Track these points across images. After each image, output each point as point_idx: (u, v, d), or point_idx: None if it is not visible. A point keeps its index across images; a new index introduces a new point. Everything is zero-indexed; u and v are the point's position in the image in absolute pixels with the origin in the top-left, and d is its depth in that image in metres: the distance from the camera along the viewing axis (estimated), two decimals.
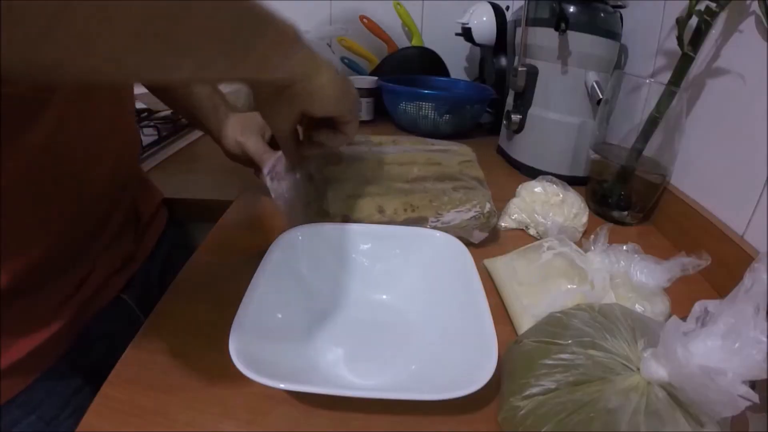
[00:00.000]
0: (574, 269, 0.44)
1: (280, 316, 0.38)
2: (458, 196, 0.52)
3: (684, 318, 0.27)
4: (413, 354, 0.38)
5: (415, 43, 1.11)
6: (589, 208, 0.66)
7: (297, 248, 0.44)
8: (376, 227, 0.47)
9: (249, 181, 0.69)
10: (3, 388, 0.40)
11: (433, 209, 0.51)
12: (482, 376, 0.30)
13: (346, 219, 0.49)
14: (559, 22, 0.66)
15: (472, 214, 0.51)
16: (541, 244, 0.47)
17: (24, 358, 0.41)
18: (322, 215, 0.50)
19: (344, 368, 0.37)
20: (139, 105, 0.90)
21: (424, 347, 0.39)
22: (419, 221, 0.50)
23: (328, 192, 0.51)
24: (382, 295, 0.45)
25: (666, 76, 0.58)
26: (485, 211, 0.51)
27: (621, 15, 0.72)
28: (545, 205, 0.58)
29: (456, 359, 0.35)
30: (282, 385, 0.30)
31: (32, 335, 0.42)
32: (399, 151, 0.58)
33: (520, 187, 0.62)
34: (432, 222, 0.50)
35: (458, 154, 0.60)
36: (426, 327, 0.41)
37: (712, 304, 0.26)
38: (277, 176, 0.52)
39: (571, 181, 0.65)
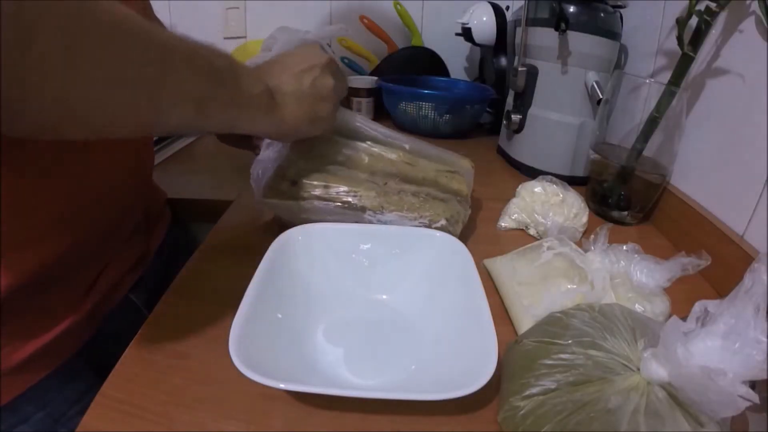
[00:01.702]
0: (574, 269, 0.44)
1: (280, 316, 0.38)
2: (410, 201, 0.50)
3: (684, 318, 0.27)
4: (413, 354, 0.38)
5: (415, 43, 1.11)
6: (589, 208, 0.66)
7: (297, 248, 0.44)
8: (376, 227, 0.48)
9: (249, 181, 0.69)
10: (16, 382, 0.40)
11: (377, 203, 0.49)
12: (482, 376, 0.30)
13: (295, 184, 0.50)
14: (559, 22, 0.65)
15: (415, 223, 0.49)
16: (541, 244, 0.47)
17: (37, 352, 0.41)
18: (279, 178, 0.51)
19: (344, 368, 0.37)
20: None
21: (424, 347, 0.39)
22: (357, 209, 0.49)
23: (298, 161, 0.52)
24: (382, 295, 0.45)
25: (666, 76, 0.58)
26: (434, 226, 0.49)
27: (621, 15, 0.72)
28: (545, 205, 0.58)
29: (456, 359, 0.35)
30: (282, 385, 0.30)
31: (47, 330, 0.42)
32: (379, 141, 0.56)
33: (520, 187, 0.62)
34: (369, 215, 0.49)
35: (446, 162, 0.57)
36: (426, 327, 0.41)
37: (712, 304, 0.26)
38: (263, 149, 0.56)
39: (571, 181, 0.65)
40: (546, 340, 0.32)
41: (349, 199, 0.50)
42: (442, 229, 0.49)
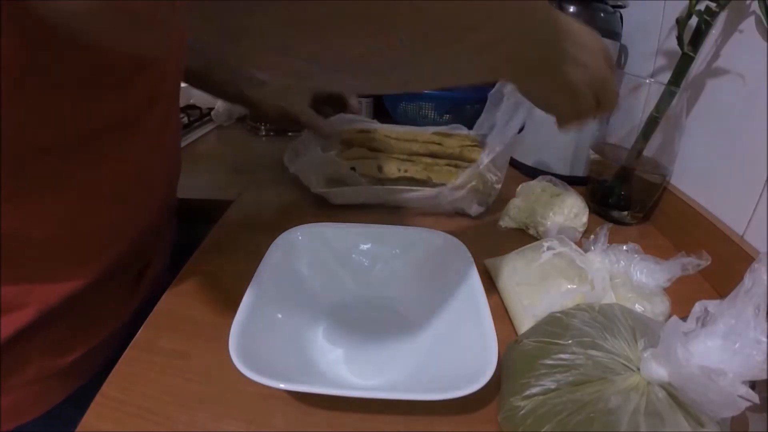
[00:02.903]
0: (574, 269, 0.44)
1: (280, 316, 0.38)
2: (449, 170, 0.60)
3: (684, 318, 0.27)
4: (413, 354, 0.38)
5: None
6: (589, 208, 0.66)
7: (297, 248, 0.44)
8: (376, 227, 0.48)
9: (249, 181, 0.69)
10: (63, 386, 0.41)
11: (424, 174, 0.59)
12: (482, 376, 0.30)
13: (354, 169, 0.60)
14: None
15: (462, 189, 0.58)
16: (541, 244, 0.47)
17: (85, 355, 0.41)
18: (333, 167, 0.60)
19: (344, 368, 0.37)
20: None
21: (424, 347, 0.39)
22: (410, 182, 0.59)
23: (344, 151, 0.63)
24: (382, 295, 0.45)
25: (666, 76, 0.58)
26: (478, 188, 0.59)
27: (621, 15, 0.72)
28: (545, 205, 0.58)
29: (456, 359, 0.35)
30: (282, 385, 0.30)
31: (96, 332, 0.42)
32: (404, 129, 0.68)
33: (520, 187, 0.62)
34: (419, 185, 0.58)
35: (461, 138, 0.67)
36: (426, 327, 0.41)
37: (712, 305, 0.26)
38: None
39: (571, 181, 0.65)
40: (546, 340, 0.32)
41: (398, 173, 0.60)
42: (485, 186, 0.59)
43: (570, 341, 0.31)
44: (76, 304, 0.39)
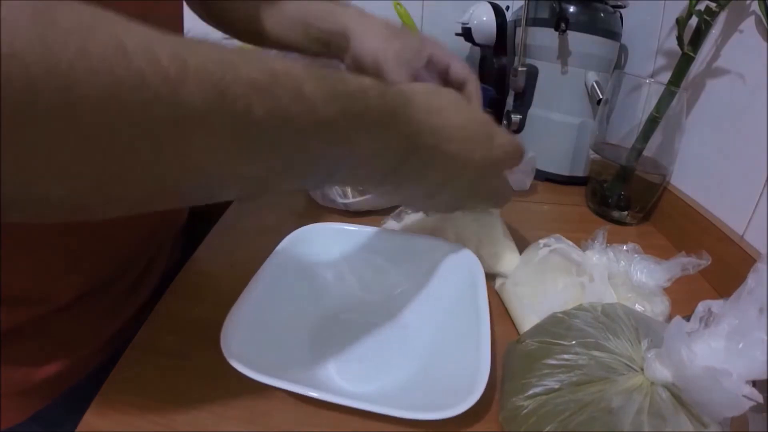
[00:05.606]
0: (572, 265, 0.44)
1: (279, 316, 0.38)
2: None
3: (687, 318, 0.27)
4: (413, 359, 0.38)
5: None
6: (589, 208, 0.66)
7: (297, 249, 0.43)
8: (377, 229, 0.47)
9: None
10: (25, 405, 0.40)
11: None
12: (470, 396, 0.29)
13: None
14: (559, 22, 0.65)
15: None
16: (538, 242, 0.47)
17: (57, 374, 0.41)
18: None
19: (343, 372, 0.37)
20: None
21: (423, 352, 0.38)
22: None
23: None
24: (384, 299, 0.44)
25: (666, 76, 0.58)
26: None
27: (621, 15, 0.72)
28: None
29: (454, 367, 0.34)
30: (282, 385, 0.30)
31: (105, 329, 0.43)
32: None
33: None
34: None
35: None
36: (426, 333, 0.40)
37: (715, 305, 0.26)
38: None
39: (571, 181, 0.65)
40: (548, 340, 0.32)
41: None
42: None
43: (573, 342, 0.31)
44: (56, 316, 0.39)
